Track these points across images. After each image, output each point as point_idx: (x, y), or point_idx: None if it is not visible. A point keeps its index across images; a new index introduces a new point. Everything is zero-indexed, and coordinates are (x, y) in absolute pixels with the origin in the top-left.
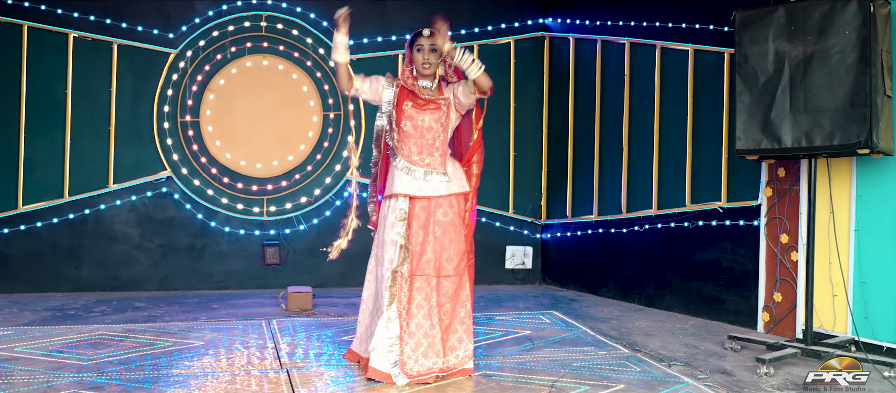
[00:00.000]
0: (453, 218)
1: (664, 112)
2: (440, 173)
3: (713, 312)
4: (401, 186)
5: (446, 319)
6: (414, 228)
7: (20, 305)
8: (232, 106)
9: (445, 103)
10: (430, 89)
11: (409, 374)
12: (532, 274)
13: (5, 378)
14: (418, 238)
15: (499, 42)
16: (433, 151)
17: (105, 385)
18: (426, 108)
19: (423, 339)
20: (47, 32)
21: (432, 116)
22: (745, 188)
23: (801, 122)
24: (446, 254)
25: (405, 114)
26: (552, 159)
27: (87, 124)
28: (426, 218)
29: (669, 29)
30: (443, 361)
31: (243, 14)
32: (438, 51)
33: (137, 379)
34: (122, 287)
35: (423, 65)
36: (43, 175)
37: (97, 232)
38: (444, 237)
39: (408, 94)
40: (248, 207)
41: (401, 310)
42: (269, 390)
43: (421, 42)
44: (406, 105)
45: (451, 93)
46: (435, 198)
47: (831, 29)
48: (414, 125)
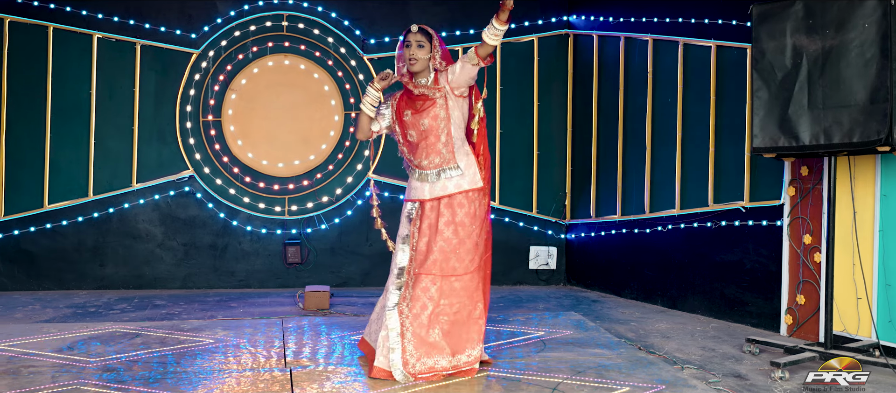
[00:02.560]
0: (463, 217)
1: (687, 110)
2: (452, 168)
3: (736, 314)
4: (412, 193)
5: (456, 318)
6: (423, 226)
7: (43, 302)
8: (253, 105)
9: (441, 94)
10: (427, 84)
11: (412, 372)
12: (556, 275)
13: (12, 373)
14: (425, 237)
15: (522, 40)
16: (441, 149)
17: (107, 381)
18: (424, 108)
19: (426, 338)
20: (72, 34)
21: (430, 115)
22: (768, 187)
23: (819, 119)
24: (456, 253)
25: (407, 124)
26: (576, 159)
27: (110, 124)
28: (436, 217)
29: (692, 25)
30: (449, 360)
31: (265, 14)
32: (426, 47)
33: (140, 376)
34: (145, 285)
35: (410, 61)
36: (68, 175)
37: (121, 231)
38: (454, 236)
39: (404, 99)
40: (270, 206)
41: (403, 309)
42: (269, 389)
43: (408, 39)
44: (406, 115)
45: (445, 80)
46: (444, 197)
47: (850, 23)
48: (418, 132)
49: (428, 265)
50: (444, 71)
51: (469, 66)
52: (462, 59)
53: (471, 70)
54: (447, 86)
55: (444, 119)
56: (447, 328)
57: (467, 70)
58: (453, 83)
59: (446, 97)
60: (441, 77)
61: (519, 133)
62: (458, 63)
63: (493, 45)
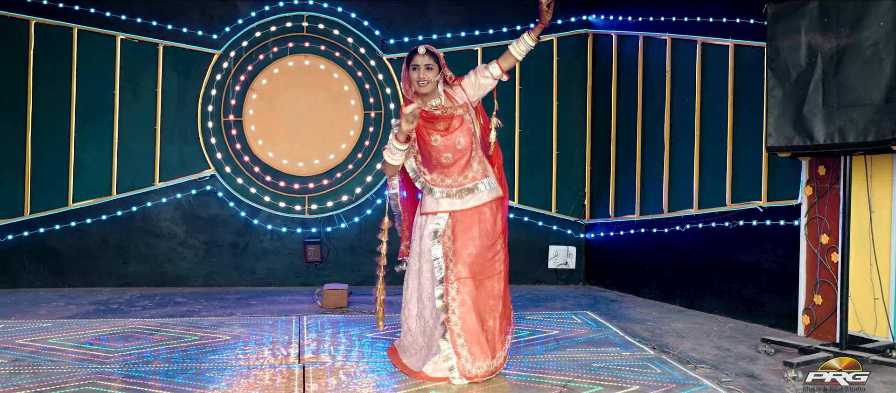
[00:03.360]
0: (490, 224)
1: (705, 109)
2: (485, 179)
3: (754, 314)
4: (440, 206)
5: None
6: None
7: (67, 299)
8: (274, 105)
9: (463, 109)
10: (441, 104)
11: (468, 376)
12: (576, 274)
13: (32, 367)
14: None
15: (541, 40)
16: (474, 164)
17: (123, 376)
18: (454, 127)
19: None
20: (96, 35)
21: (463, 132)
22: (786, 187)
23: (833, 118)
24: (486, 257)
25: (439, 149)
26: (596, 158)
27: (134, 124)
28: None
29: (710, 24)
30: (490, 363)
31: (285, 14)
32: (434, 68)
33: (155, 371)
34: (167, 283)
35: (419, 82)
36: (92, 174)
37: (144, 229)
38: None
39: (425, 126)
40: (290, 205)
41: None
42: (281, 385)
43: (416, 61)
44: (434, 139)
45: (463, 94)
46: (476, 207)
47: (865, 21)
48: (454, 152)
49: (465, 270)
50: (455, 86)
51: (489, 80)
52: (478, 72)
53: (491, 84)
54: (468, 100)
55: (475, 133)
56: (488, 329)
57: (487, 84)
58: (473, 99)
59: (468, 110)
60: (453, 92)
61: (538, 133)
62: (473, 76)
63: (519, 59)
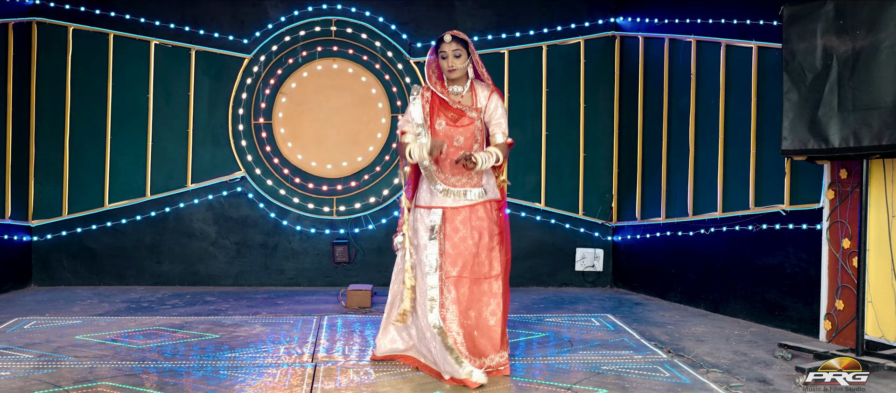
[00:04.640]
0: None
1: (729, 111)
2: (477, 185)
3: (776, 319)
4: (434, 200)
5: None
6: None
7: (101, 297)
8: (303, 108)
9: (477, 115)
10: (462, 94)
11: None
12: (603, 277)
13: (56, 362)
14: (457, 241)
15: (568, 42)
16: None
17: (140, 372)
18: (461, 124)
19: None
20: (131, 41)
21: (467, 133)
22: (808, 190)
23: (849, 121)
24: (485, 257)
25: (438, 133)
26: (623, 160)
27: (167, 127)
28: (461, 223)
29: (734, 26)
30: (492, 358)
31: (314, 19)
32: (462, 55)
33: (172, 368)
34: (199, 282)
35: (450, 71)
36: (127, 176)
37: (177, 229)
38: (481, 239)
39: (439, 107)
40: (319, 206)
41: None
42: (292, 382)
43: (444, 49)
44: (439, 124)
45: (484, 101)
46: (465, 207)
47: (881, 23)
48: (449, 144)
49: (461, 269)
50: (483, 84)
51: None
52: (503, 117)
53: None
54: (483, 109)
55: (479, 141)
56: (482, 328)
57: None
58: (486, 119)
59: (479, 117)
60: (478, 88)
61: (565, 135)
62: (500, 109)
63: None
